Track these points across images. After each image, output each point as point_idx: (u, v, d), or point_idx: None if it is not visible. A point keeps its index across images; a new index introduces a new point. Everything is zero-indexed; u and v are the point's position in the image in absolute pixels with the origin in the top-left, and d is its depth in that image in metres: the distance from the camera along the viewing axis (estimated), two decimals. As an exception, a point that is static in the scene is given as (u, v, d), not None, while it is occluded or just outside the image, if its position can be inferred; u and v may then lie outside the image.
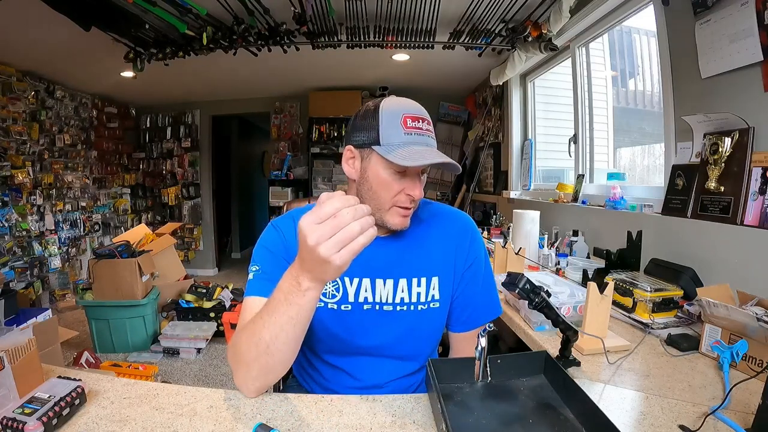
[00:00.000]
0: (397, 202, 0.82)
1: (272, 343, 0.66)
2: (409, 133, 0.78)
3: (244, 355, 0.70)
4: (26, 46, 2.89)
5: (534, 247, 1.94)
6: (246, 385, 0.73)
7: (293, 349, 0.70)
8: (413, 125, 0.79)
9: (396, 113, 0.79)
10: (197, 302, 3.20)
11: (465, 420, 0.66)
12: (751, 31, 1.26)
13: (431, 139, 0.81)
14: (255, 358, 0.69)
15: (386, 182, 0.81)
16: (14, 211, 3.38)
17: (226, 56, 2.89)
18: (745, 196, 1.28)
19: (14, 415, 0.61)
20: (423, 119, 0.80)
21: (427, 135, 0.80)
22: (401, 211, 0.83)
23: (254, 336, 0.67)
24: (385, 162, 0.79)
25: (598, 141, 2.48)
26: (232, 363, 0.75)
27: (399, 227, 0.84)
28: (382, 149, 0.78)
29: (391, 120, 0.79)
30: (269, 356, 0.68)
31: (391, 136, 0.78)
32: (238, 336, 0.72)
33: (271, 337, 0.66)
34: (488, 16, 2.53)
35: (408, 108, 0.80)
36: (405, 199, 0.82)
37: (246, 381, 0.73)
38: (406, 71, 3.84)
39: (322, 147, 4.55)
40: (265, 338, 0.66)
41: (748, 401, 0.76)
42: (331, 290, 0.87)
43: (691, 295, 1.22)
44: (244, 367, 0.71)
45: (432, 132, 0.82)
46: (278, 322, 0.65)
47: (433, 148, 0.80)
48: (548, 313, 0.90)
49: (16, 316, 2.34)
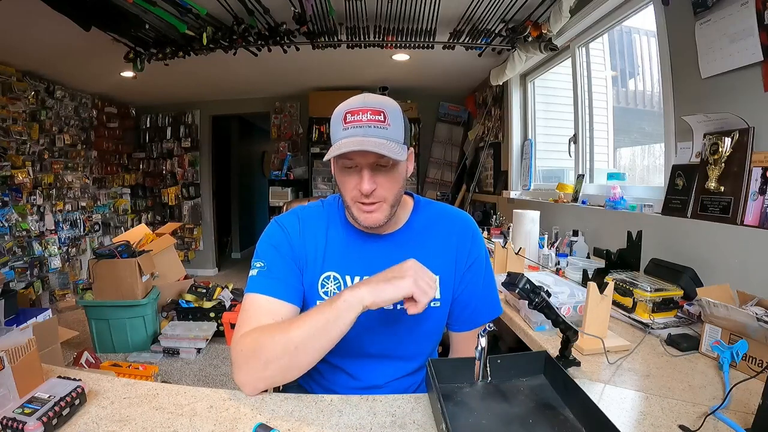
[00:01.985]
0: (354, 198, 0.81)
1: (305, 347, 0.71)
2: (347, 128, 0.77)
3: (267, 352, 0.72)
4: (26, 46, 2.89)
5: (534, 247, 1.94)
6: (252, 383, 0.73)
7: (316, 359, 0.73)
8: (352, 119, 0.76)
9: (340, 112, 0.79)
10: (197, 302, 3.20)
11: (465, 420, 0.66)
12: (751, 31, 1.26)
13: (374, 128, 0.75)
14: (278, 357, 0.71)
15: (341, 180, 0.82)
16: (14, 211, 3.38)
17: (226, 56, 2.89)
18: (745, 196, 1.28)
19: (14, 415, 0.61)
20: (366, 110, 0.76)
21: (368, 125, 0.75)
22: (361, 206, 0.81)
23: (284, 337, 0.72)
24: (332, 160, 0.80)
25: (598, 141, 2.48)
26: (241, 358, 0.74)
27: (366, 224, 0.82)
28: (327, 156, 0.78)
29: (336, 120, 0.79)
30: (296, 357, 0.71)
31: (334, 134, 0.79)
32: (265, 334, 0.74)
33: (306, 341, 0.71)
34: (488, 16, 2.53)
35: (352, 104, 0.78)
36: (357, 194, 0.80)
37: (256, 377, 0.73)
38: (406, 71, 3.84)
39: (322, 147, 4.54)
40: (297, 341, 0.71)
41: (748, 401, 0.76)
42: (333, 289, 0.87)
43: (691, 295, 1.22)
44: (262, 364, 0.72)
45: (379, 121, 0.76)
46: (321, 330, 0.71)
47: (369, 138, 0.75)
48: (548, 313, 0.90)
49: (16, 316, 2.34)
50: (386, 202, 0.81)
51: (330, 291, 0.87)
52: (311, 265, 0.87)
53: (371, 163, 0.78)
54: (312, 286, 0.87)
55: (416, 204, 0.94)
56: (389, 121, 0.77)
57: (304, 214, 0.91)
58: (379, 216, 0.81)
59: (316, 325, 0.71)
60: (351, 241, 0.89)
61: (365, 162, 0.77)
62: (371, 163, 0.78)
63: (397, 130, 0.78)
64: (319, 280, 0.87)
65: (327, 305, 0.72)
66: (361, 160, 0.77)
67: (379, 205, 0.81)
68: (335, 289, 0.87)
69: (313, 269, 0.87)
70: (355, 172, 0.79)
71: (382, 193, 0.80)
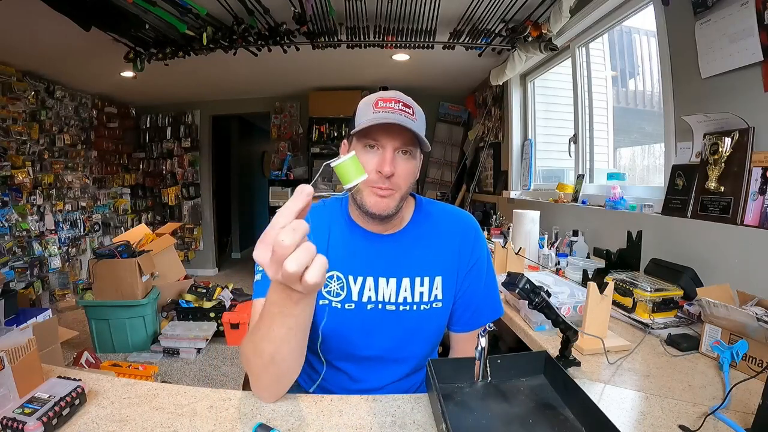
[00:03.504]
0: (370, 181, 0.79)
1: (276, 354, 0.66)
2: (378, 111, 0.78)
3: (252, 367, 0.70)
4: (26, 46, 2.89)
5: (534, 247, 1.94)
6: (260, 394, 0.74)
7: (299, 355, 0.70)
8: (384, 105, 0.78)
9: (371, 100, 0.80)
10: (197, 302, 3.20)
11: (465, 420, 0.66)
12: (751, 31, 1.26)
13: (403, 117, 0.77)
14: (263, 370, 0.69)
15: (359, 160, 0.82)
16: (14, 211, 3.38)
17: (226, 56, 2.89)
18: (745, 196, 1.28)
19: (14, 415, 0.62)
20: (398, 101, 0.79)
21: (399, 113, 0.77)
22: (376, 190, 0.80)
23: (257, 349, 0.67)
24: (354, 139, 0.81)
25: (598, 141, 2.48)
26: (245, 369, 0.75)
27: (375, 210, 0.80)
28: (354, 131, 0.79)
29: (365, 105, 0.81)
30: (275, 366, 0.68)
31: (363, 116, 0.79)
32: (244, 346, 0.71)
33: (275, 349, 0.65)
34: (488, 16, 2.53)
35: (383, 94, 0.81)
36: (376, 177, 0.79)
37: (260, 390, 0.73)
38: (406, 71, 3.84)
39: (322, 147, 4.54)
40: (268, 351, 0.65)
41: (748, 401, 0.76)
42: (336, 288, 0.87)
43: (691, 295, 1.22)
44: (254, 377, 0.72)
45: (408, 113, 0.78)
46: (278, 335, 0.63)
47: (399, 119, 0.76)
48: (548, 313, 0.90)
49: (16, 316, 2.34)
50: (399, 191, 0.81)
51: (333, 291, 0.87)
52: None
53: (396, 147, 0.79)
54: None
55: (418, 204, 0.94)
56: (416, 116, 0.80)
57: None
58: (390, 203, 0.81)
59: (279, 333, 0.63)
60: (354, 241, 0.89)
61: (391, 144, 0.78)
62: (396, 146, 0.79)
63: (421, 125, 0.81)
64: None
65: (276, 312, 0.61)
66: (386, 141, 0.78)
67: (392, 193, 0.81)
68: (338, 289, 0.87)
69: None
70: (376, 154, 0.79)
71: (397, 180, 0.80)
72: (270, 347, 0.65)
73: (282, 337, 0.63)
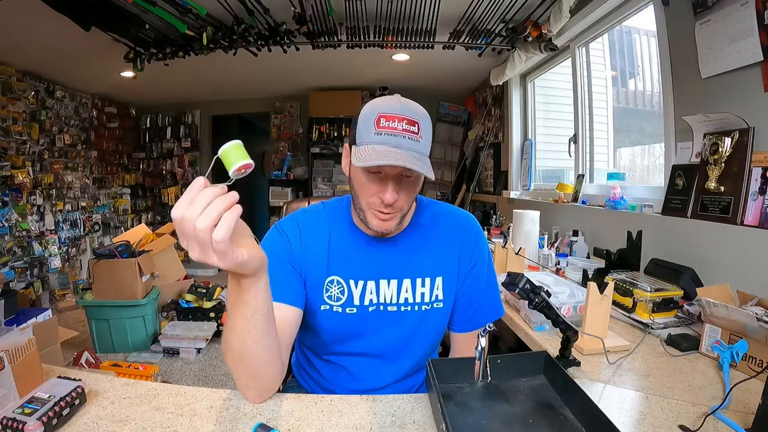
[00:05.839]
0: (371, 204, 0.79)
1: (243, 348, 0.66)
2: (379, 133, 0.74)
3: (229, 365, 0.70)
4: (26, 46, 2.89)
5: (534, 247, 1.94)
6: (245, 394, 0.73)
7: (268, 348, 0.68)
8: (386, 125, 0.74)
9: (371, 113, 0.76)
10: (197, 302, 3.20)
11: (465, 420, 0.66)
12: (751, 31, 1.26)
13: (407, 140, 0.74)
14: (236, 364, 0.69)
15: (361, 183, 0.79)
16: (14, 211, 3.38)
17: (226, 56, 2.89)
18: (745, 196, 1.28)
19: (14, 415, 0.61)
20: (402, 119, 0.74)
21: (403, 135, 0.74)
22: (378, 214, 0.79)
23: (226, 343, 0.67)
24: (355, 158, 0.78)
25: (598, 141, 2.48)
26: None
27: (378, 230, 0.81)
28: (355, 148, 0.77)
29: (366, 119, 0.76)
30: (246, 360, 0.67)
31: (363, 135, 0.76)
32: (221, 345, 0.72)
33: (240, 342, 0.65)
34: (488, 16, 2.53)
35: (385, 107, 0.75)
36: (377, 202, 0.78)
37: (242, 389, 0.73)
38: (406, 71, 3.85)
39: (322, 147, 4.55)
40: (235, 344, 0.66)
41: (748, 401, 0.76)
42: (336, 293, 0.86)
43: (691, 295, 1.22)
44: (234, 376, 0.71)
45: (413, 132, 0.74)
46: (238, 326, 0.64)
47: (403, 151, 0.72)
48: (548, 313, 0.90)
49: (16, 316, 2.34)
50: (401, 212, 0.81)
51: (334, 295, 0.86)
52: (314, 270, 0.86)
53: (397, 174, 0.76)
54: (316, 291, 0.86)
55: (419, 204, 0.94)
56: (422, 132, 0.76)
57: (304, 220, 0.89)
58: (392, 223, 0.81)
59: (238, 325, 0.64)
60: (355, 244, 0.88)
61: (392, 172, 0.76)
62: (397, 173, 0.76)
63: (427, 142, 0.77)
64: (324, 285, 0.86)
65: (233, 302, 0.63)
66: (388, 170, 0.75)
67: (394, 215, 0.80)
68: (339, 293, 0.86)
69: (317, 274, 0.86)
70: (378, 180, 0.77)
71: (401, 204, 0.79)
72: (236, 340, 0.65)
73: (243, 328, 0.63)
